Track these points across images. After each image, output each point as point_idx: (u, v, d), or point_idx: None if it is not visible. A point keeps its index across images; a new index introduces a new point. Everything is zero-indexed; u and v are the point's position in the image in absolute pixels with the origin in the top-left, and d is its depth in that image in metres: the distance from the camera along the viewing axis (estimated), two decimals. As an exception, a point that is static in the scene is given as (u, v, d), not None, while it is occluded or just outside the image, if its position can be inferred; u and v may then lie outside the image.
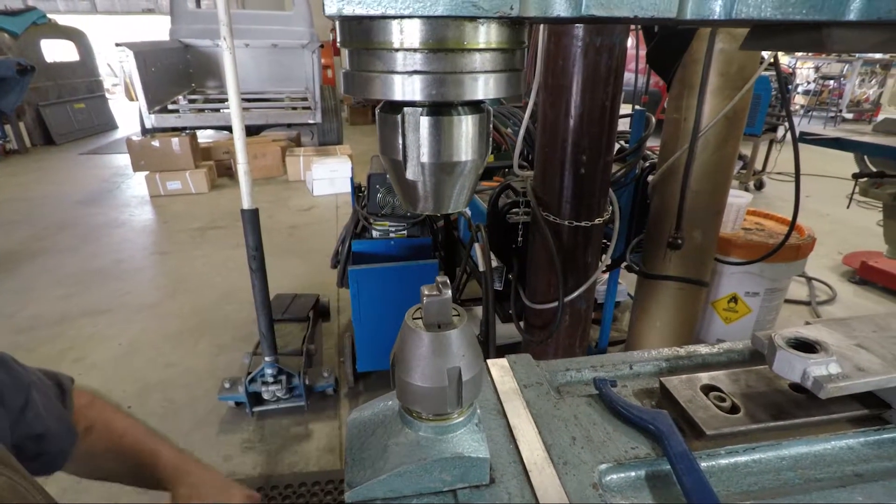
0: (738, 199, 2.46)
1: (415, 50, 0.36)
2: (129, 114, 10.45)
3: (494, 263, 2.04)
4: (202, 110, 7.15)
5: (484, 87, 0.39)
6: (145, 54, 6.09)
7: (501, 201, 2.05)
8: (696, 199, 1.89)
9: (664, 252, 2.01)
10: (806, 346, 0.61)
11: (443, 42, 0.36)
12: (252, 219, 2.26)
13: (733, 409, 0.62)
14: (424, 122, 0.40)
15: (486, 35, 0.37)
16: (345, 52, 0.40)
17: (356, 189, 2.91)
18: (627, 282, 3.21)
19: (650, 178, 2.10)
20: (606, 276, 2.51)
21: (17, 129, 7.97)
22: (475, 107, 0.41)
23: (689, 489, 0.52)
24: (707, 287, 2.09)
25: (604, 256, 1.93)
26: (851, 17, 0.35)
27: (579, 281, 1.83)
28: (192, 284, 3.70)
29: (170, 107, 6.78)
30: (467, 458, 0.49)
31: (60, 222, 5.05)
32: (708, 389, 0.65)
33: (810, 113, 11.13)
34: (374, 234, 2.67)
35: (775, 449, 0.60)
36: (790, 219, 1.96)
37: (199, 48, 7.70)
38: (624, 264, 2.28)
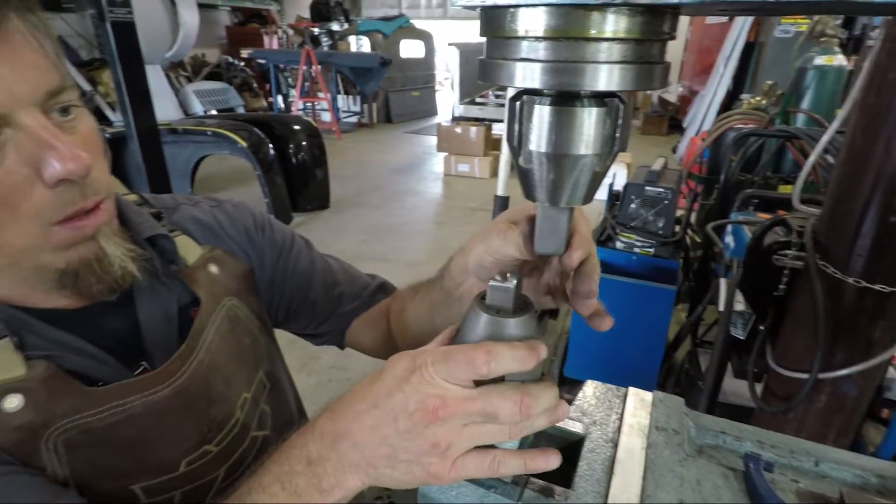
0: None
1: (535, 38, 0.37)
2: (449, 104, 12.25)
3: (741, 307, 1.73)
4: (503, 105, 7.89)
5: (607, 79, 0.36)
6: (468, 53, 7.04)
7: (769, 238, 1.72)
8: None
9: None
10: None
11: (561, 30, 0.35)
12: (502, 204, 2.44)
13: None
14: (538, 110, 0.40)
15: (609, 23, 0.34)
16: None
17: (612, 197, 2.84)
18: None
19: None
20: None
21: (370, 108, 10.24)
22: (599, 100, 0.39)
23: None
24: None
25: (907, 338, 1.43)
26: None
27: (852, 358, 1.41)
28: (451, 254, 4.20)
29: (477, 100, 7.69)
30: None
31: (376, 184, 6.33)
32: (915, 531, 0.46)
33: None
34: (618, 244, 2.57)
35: None
36: None
37: (513, 49, 8.46)
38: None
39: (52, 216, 0.50)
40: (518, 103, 0.41)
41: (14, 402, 0.50)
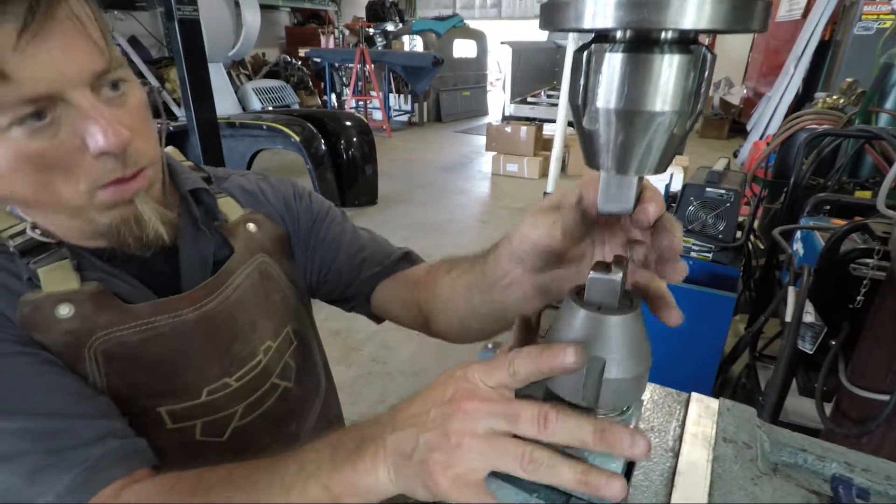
0: None
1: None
2: (500, 104, 12.14)
3: (810, 319, 1.59)
4: (555, 105, 7.75)
5: (696, 14, 0.30)
6: (521, 52, 6.94)
7: (847, 245, 1.58)
8: None
9: None
10: None
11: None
12: (550, 203, 2.37)
13: None
14: (608, 59, 0.34)
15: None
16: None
17: (669, 199, 2.70)
18: None
19: None
20: None
21: (421, 107, 10.29)
22: (682, 46, 0.34)
23: None
24: None
25: None
26: None
27: (943, 380, 1.26)
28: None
29: (529, 99, 7.58)
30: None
31: (423, 181, 6.34)
32: None
33: None
34: (673, 249, 2.44)
35: None
36: None
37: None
38: None
39: (97, 181, 0.57)
40: (585, 54, 0.36)
41: (66, 310, 0.59)
